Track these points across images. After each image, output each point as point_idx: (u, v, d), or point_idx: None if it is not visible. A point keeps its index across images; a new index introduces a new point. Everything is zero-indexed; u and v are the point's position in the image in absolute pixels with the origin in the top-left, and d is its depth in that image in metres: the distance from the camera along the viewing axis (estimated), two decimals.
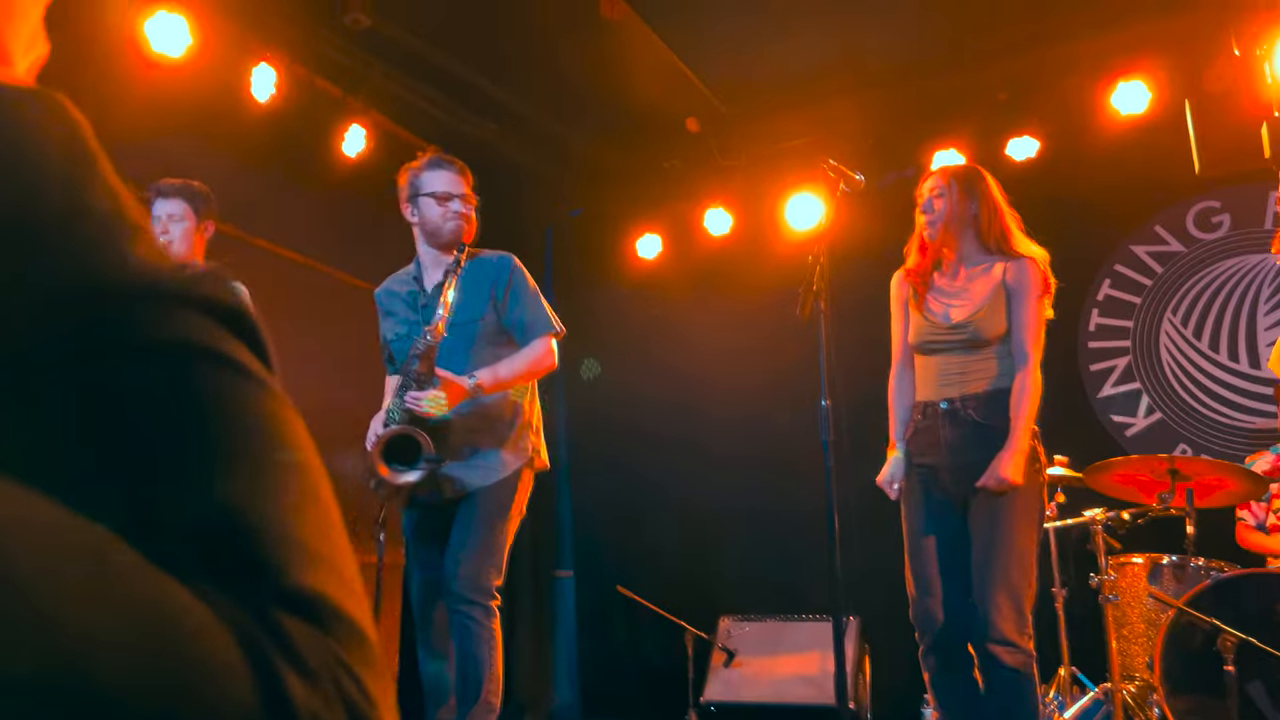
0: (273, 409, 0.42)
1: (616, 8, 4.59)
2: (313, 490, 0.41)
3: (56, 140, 0.42)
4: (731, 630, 4.97)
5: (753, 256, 5.81)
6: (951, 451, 2.86)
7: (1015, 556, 2.78)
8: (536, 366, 3.08)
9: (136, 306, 0.39)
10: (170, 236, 3.33)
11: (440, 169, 3.18)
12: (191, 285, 0.41)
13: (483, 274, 3.15)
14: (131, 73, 4.23)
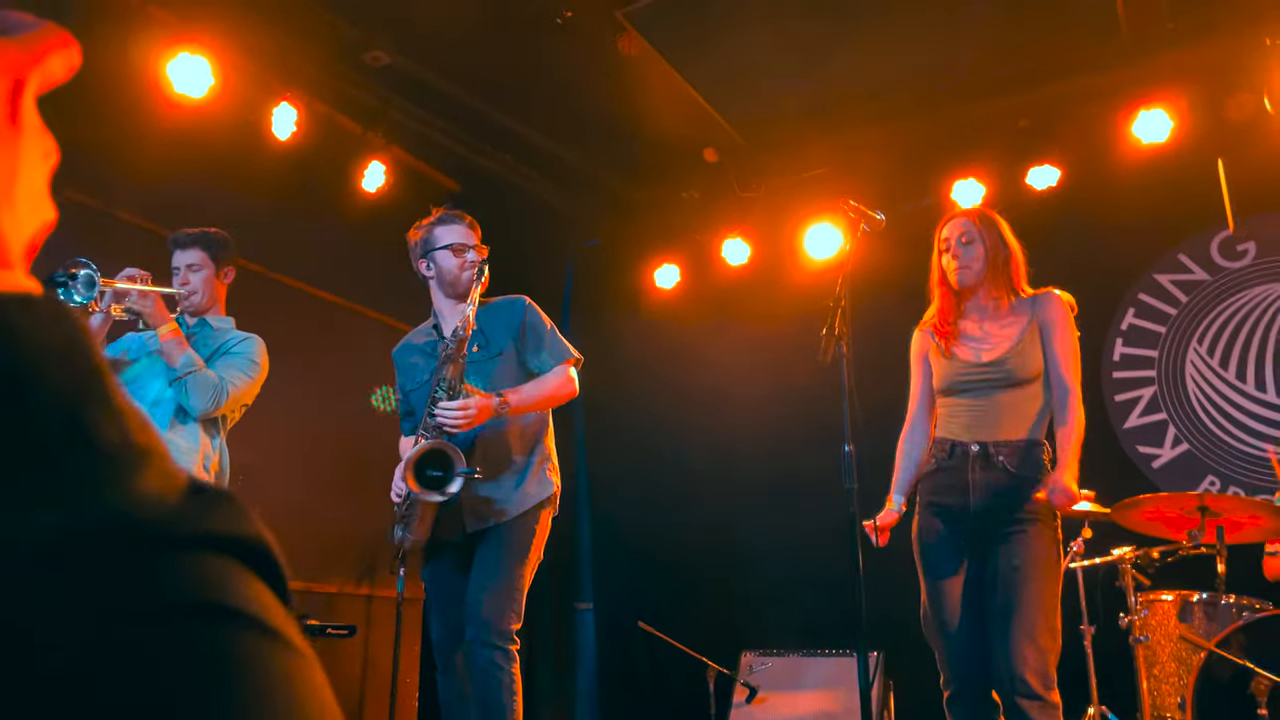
0: (296, 673, 0.38)
1: (634, 44, 4.61)
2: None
3: (56, 355, 0.37)
4: (753, 665, 4.91)
5: (771, 286, 5.80)
6: (980, 495, 2.80)
7: (1042, 610, 2.73)
8: (559, 391, 3.12)
9: (145, 558, 0.35)
10: (191, 287, 3.36)
11: (452, 223, 3.23)
12: (207, 522, 0.38)
13: (499, 316, 3.21)
14: (155, 114, 4.28)
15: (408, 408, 3.31)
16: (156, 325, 3.18)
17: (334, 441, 4.89)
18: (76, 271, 2.98)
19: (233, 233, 3.66)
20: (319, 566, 4.96)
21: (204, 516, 0.38)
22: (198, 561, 0.36)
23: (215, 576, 0.37)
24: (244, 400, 3.36)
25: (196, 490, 0.39)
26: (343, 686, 4.92)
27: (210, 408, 3.19)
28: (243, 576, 0.38)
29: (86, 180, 4.23)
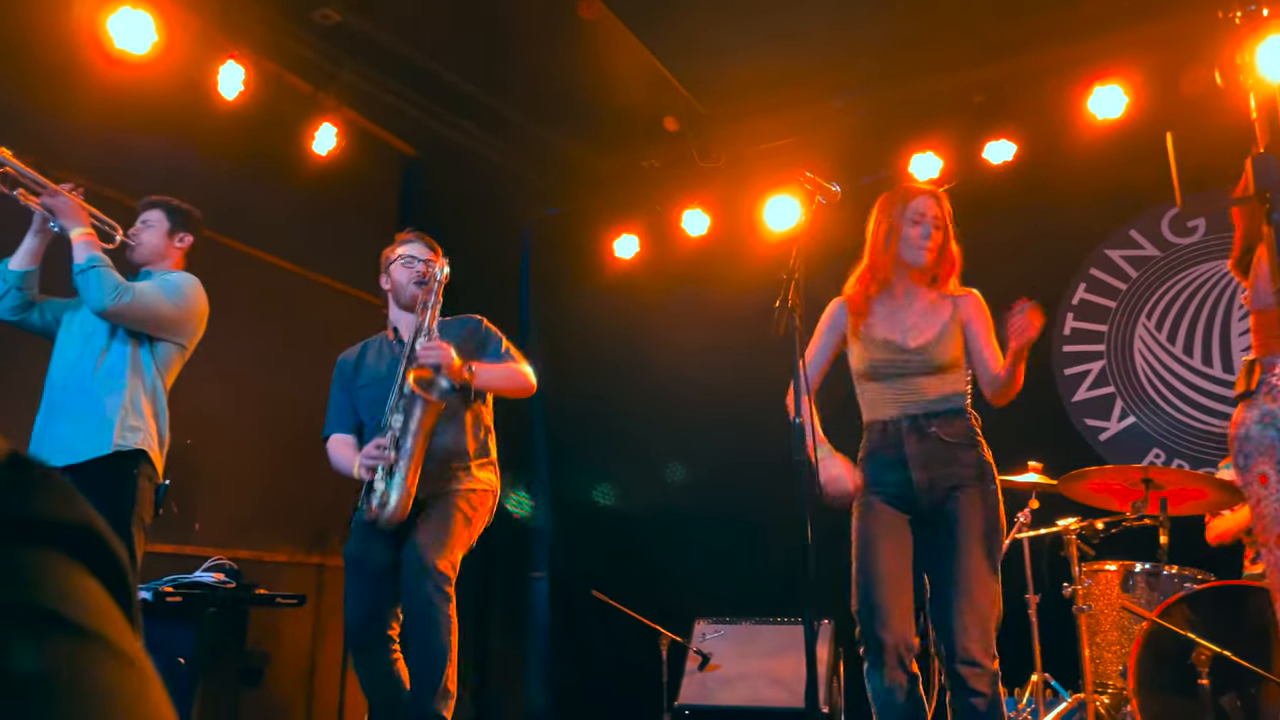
0: (122, 686, 0.32)
1: (593, 8, 4.54)
2: None
3: None
4: (706, 633, 4.95)
5: (730, 257, 5.78)
6: (918, 465, 2.82)
7: (982, 578, 2.75)
8: (521, 381, 3.26)
9: None
10: (137, 239, 3.30)
11: (409, 242, 3.39)
12: (18, 505, 0.32)
13: (454, 330, 3.28)
14: (95, 72, 4.14)
15: (342, 411, 3.35)
16: (70, 226, 3.09)
17: (284, 409, 4.81)
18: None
19: (178, 193, 3.58)
20: (268, 535, 4.90)
21: (14, 500, 0.33)
22: (3, 554, 0.32)
23: (25, 571, 0.32)
24: (163, 322, 3.20)
25: (11, 468, 0.34)
26: (293, 656, 4.88)
27: (111, 302, 3.00)
28: (63, 570, 0.33)
29: (23, 140, 4.08)
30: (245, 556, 4.60)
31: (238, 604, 4.09)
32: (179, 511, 4.35)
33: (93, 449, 3.01)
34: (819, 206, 2.79)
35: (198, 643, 3.86)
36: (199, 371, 3.48)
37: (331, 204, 5.30)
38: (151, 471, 3.12)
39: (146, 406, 3.14)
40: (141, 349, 3.18)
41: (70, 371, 3.11)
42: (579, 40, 4.83)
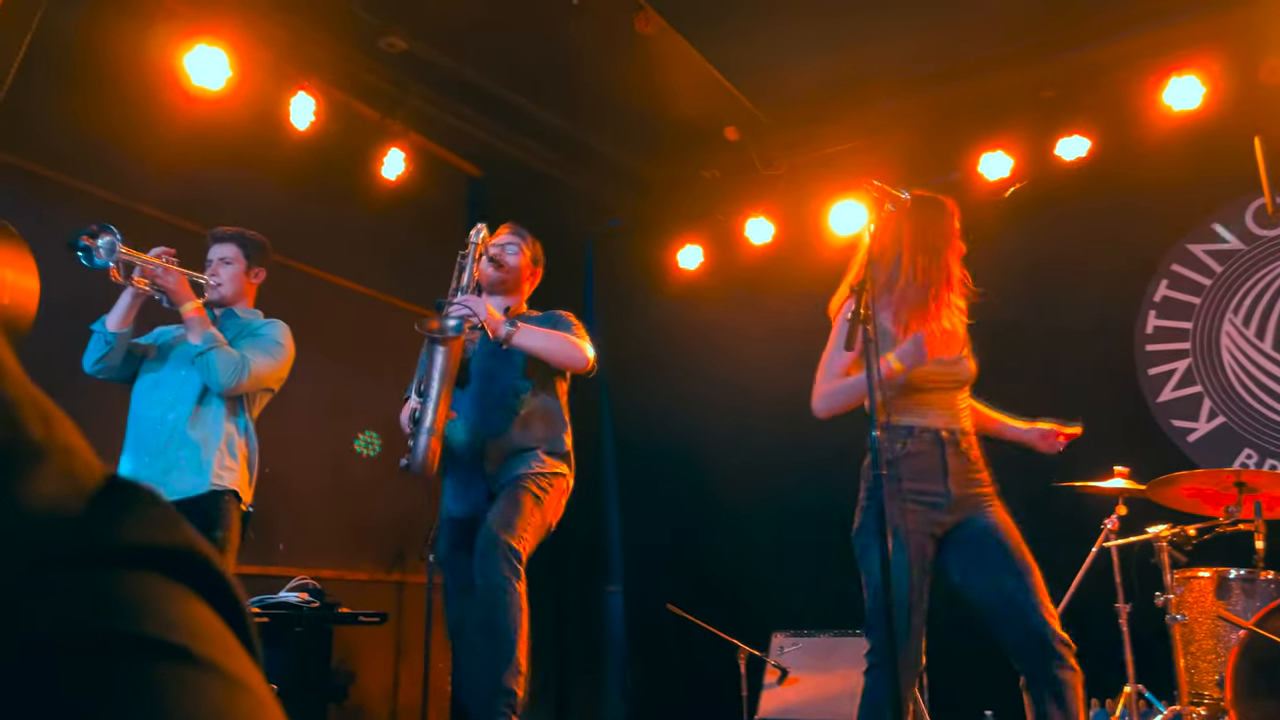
0: (236, 711, 0.31)
1: (651, 22, 4.55)
2: None
3: None
4: (784, 646, 4.90)
5: (795, 264, 5.74)
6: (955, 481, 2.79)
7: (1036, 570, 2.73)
8: (572, 351, 3.22)
9: (28, 580, 0.29)
10: (219, 279, 3.38)
11: (504, 236, 3.53)
12: (119, 531, 0.31)
13: (537, 319, 3.37)
14: (173, 108, 4.28)
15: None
16: (180, 303, 3.20)
17: (360, 428, 4.90)
18: (98, 235, 2.99)
19: (253, 223, 3.67)
20: (349, 554, 4.99)
21: (115, 525, 0.32)
22: (105, 580, 0.30)
23: (128, 597, 0.31)
24: (268, 381, 3.35)
25: (111, 492, 0.33)
26: (376, 673, 4.96)
27: (232, 383, 3.18)
28: (170, 594, 0.32)
29: (107, 176, 4.25)
30: (327, 575, 4.69)
31: (322, 623, 4.18)
32: (263, 533, 4.45)
33: (191, 489, 3.15)
34: (888, 214, 2.76)
35: (285, 662, 3.95)
36: (279, 395, 3.56)
37: (401, 227, 5.40)
38: (239, 502, 3.24)
39: (240, 448, 3.28)
40: (237, 396, 3.30)
41: (165, 415, 3.22)
42: (638, 55, 4.84)
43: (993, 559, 2.74)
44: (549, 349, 3.20)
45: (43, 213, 4.04)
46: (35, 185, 4.04)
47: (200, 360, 3.18)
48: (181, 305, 3.21)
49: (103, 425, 3.40)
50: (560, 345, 3.21)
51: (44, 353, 3.80)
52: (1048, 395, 4.85)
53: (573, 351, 3.22)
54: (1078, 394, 4.96)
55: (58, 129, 4.06)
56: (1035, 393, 4.46)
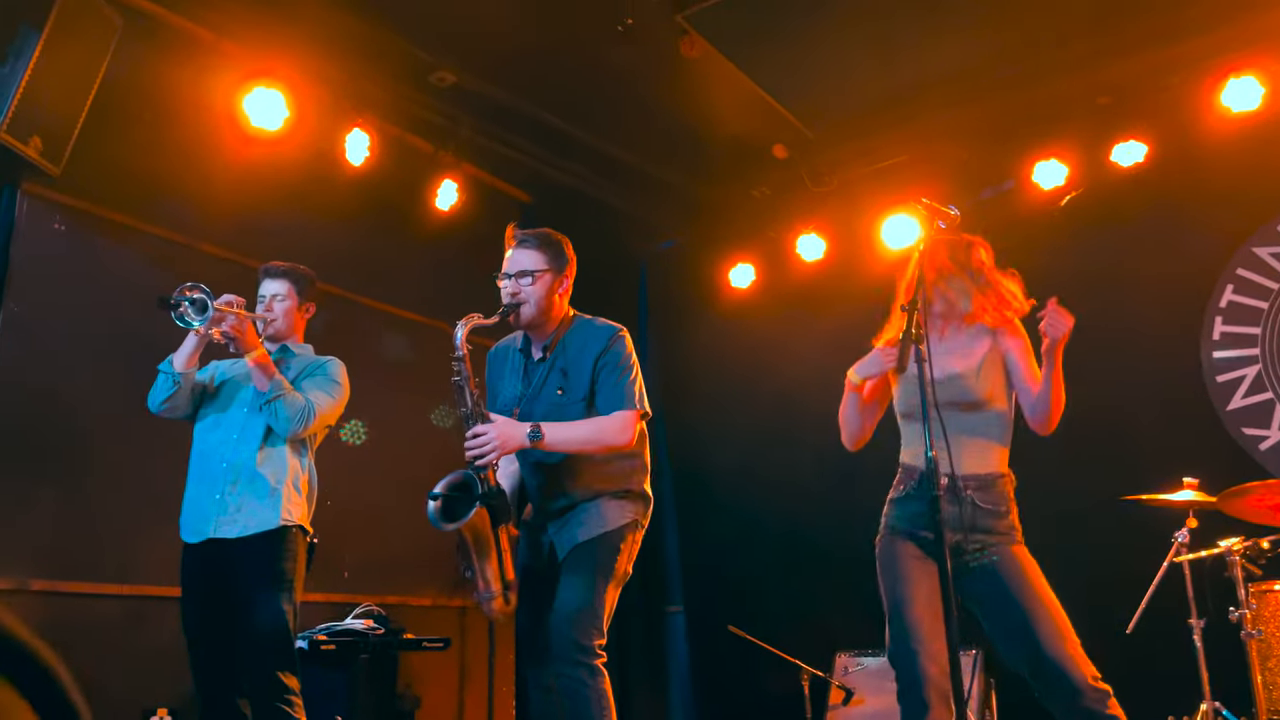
0: None
1: (696, 45, 4.58)
2: None
3: None
4: (848, 667, 4.85)
5: (848, 280, 5.70)
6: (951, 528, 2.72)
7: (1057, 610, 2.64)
8: (605, 436, 2.87)
9: None
10: (274, 315, 3.46)
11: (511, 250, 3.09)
12: None
13: (588, 343, 3.01)
14: (234, 149, 4.41)
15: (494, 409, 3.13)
16: (247, 350, 3.28)
17: (421, 455, 4.97)
18: (191, 295, 3.08)
19: (312, 257, 3.75)
20: (413, 580, 5.06)
21: None
22: None
23: None
24: (328, 420, 3.44)
25: None
26: (441, 698, 5.01)
27: (299, 428, 3.28)
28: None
29: (170, 216, 4.39)
30: (391, 602, 4.76)
31: (387, 649, 4.24)
32: (328, 561, 4.53)
33: (263, 525, 3.23)
34: (938, 232, 2.74)
35: (351, 688, 4.01)
36: (339, 426, 3.63)
37: (455, 256, 5.48)
38: (305, 535, 3.33)
39: (304, 483, 3.37)
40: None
41: (233, 453, 3.31)
42: (684, 77, 4.87)
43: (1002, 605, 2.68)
44: (586, 444, 2.88)
45: (107, 254, 4.19)
46: (102, 227, 4.19)
47: (268, 407, 3.28)
48: (248, 353, 3.29)
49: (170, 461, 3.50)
50: (596, 435, 2.87)
51: (108, 390, 3.93)
52: (1111, 406, 4.76)
53: (610, 435, 2.86)
54: (1143, 404, 4.86)
55: (123, 172, 4.21)
56: (1098, 403, 4.38)
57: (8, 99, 3.44)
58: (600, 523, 2.93)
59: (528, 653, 3.07)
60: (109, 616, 3.99)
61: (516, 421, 2.84)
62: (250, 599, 3.18)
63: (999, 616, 2.70)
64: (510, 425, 2.80)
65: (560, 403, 2.95)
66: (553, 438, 2.79)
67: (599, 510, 2.93)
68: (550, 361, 3.01)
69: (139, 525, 3.98)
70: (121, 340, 4.04)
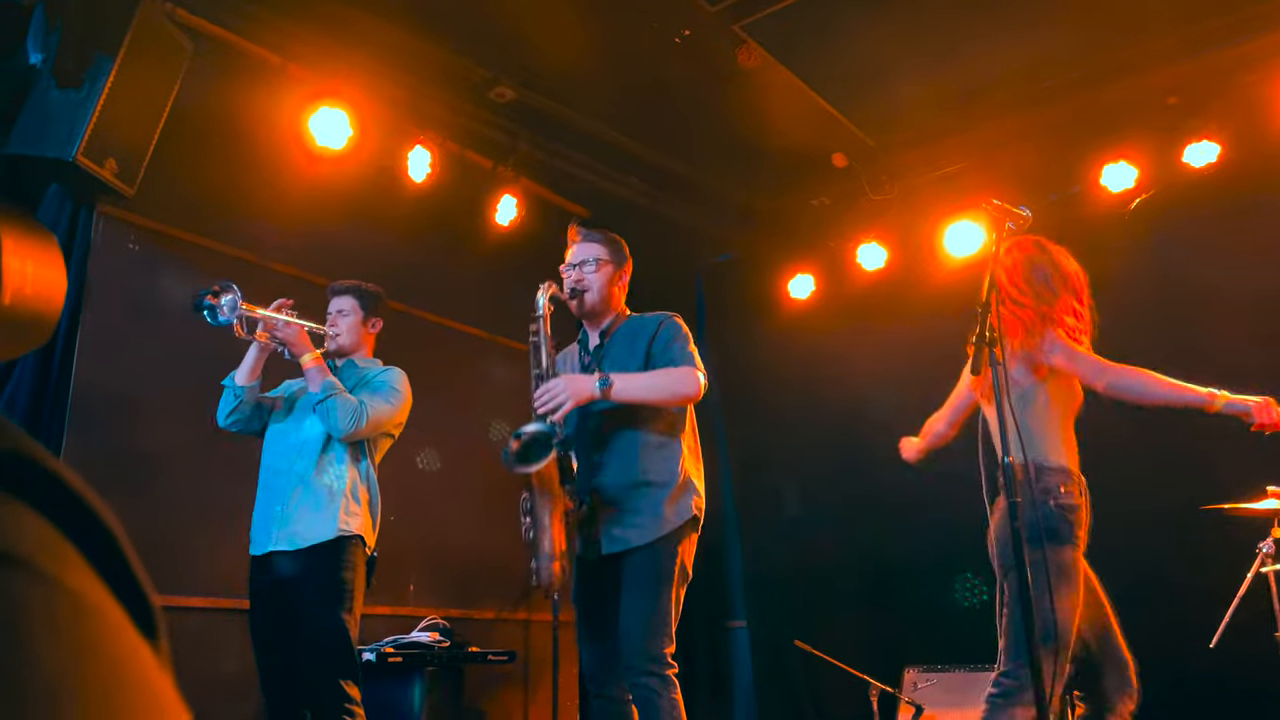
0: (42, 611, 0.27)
1: (754, 55, 4.56)
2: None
3: None
4: (917, 682, 4.75)
5: (910, 289, 5.63)
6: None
7: None
8: (678, 385, 2.92)
9: None
10: (338, 330, 3.51)
11: (574, 244, 3.21)
12: None
13: (640, 330, 3.11)
14: (300, 169, 4.50)
15: None
16: (299, 354, 3.34)
17: (483, 470, 4.99)
18: (221, 293, 3.17)
19: (375, 273, 3.81)
20: (477, 594, 5.07)
21: None
22: None
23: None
24: (386, 426, 3.45)
25: None
26: (506, 711, 5.01)
27: (351, 428, 3.29)
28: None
29: (239, 235, 4.48)
30: (456, 615, 4.78)
31: (453, 662, 4.25)
32: (394, 575, 4.57)
33: (319, 535, 3.27)
34: (1009, 234, 2.69)
35: (419, 700, 4.03)
36: (402, 439, 3.66)
37: (514, 270, 5.51)
38: (365, 547, 3.34)
39: (363, 494, 3.39)
40: (359, 444, 3.42)
41: (293, 465, 3.36)
42: (741, 88, 4.86)
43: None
44: (655, 391, 2.93)
45: (179, 272, 4.28)
46: (173, 246, 4.29)
47: (320, 407, 3.31)
48: (301, 356, 3.36)
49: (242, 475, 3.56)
50: (666, 382, 2.93)
51: (180, 405, 4.02)
52: (1190, 413, 4.61)
53: (676, 389, 2.93)
54: None
55: (193, 192, 4.31)
56: (1176, 411, 4.24)
57: (84, 123, 3.55)
58: (657, 525, 2.92)
59: (587, 657, 3.07)
60: (181, 629, 4.06)
61: (584, 375, 2.94)
62: (310, 610, 3.22)
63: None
64: (579, 377, 2.91)
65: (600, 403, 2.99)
66: (622, 385, 2.85)
67: (654, 509, 2.93)
68: (605, 349, 3.11)
69: (212, 538, 4.05)
70: (192, 356, 4.12)
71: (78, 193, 3.86)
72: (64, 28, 3.61)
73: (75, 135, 3.52)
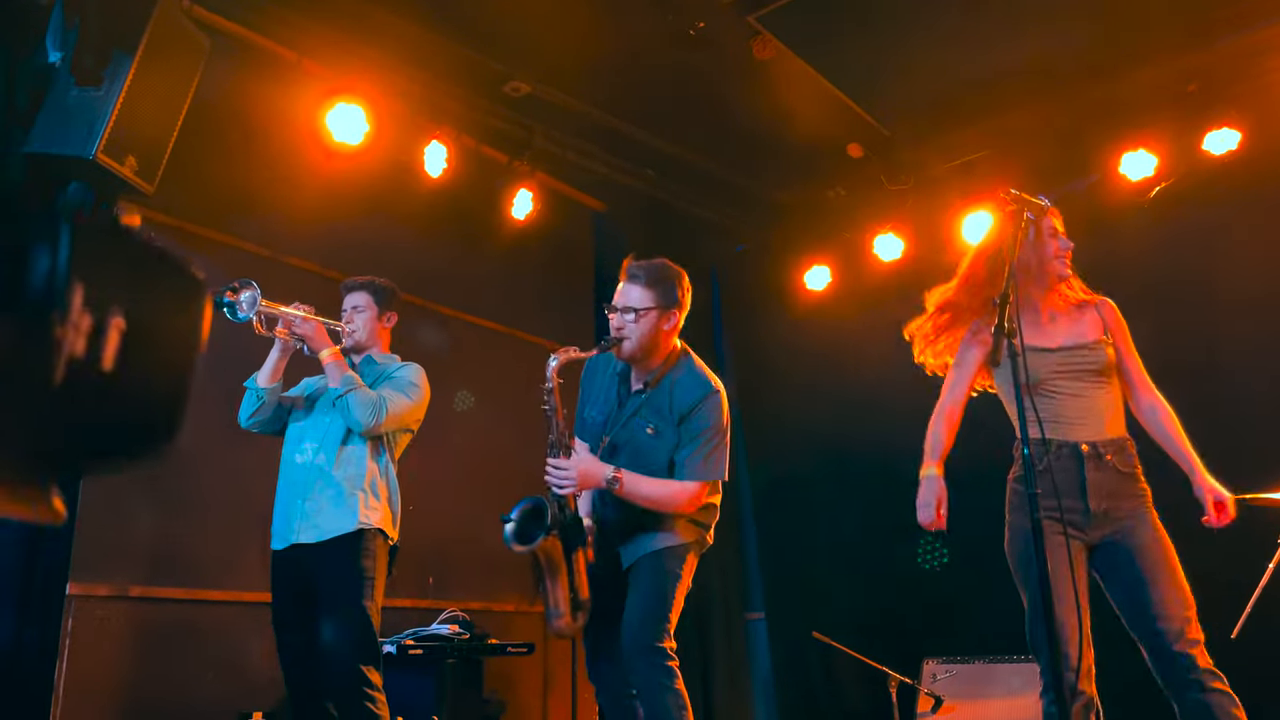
0: None
1: (769, 47, 4.55)
2: None
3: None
4: (936, 674, 4.74)
5: (927, 279, 5.55)
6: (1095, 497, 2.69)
7: (1184, 588, 2.65)
8: (674, 501, 2.94)
9: None
10: (354, 326, 3.55)
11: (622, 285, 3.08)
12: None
13: (681, 397, 3.01)
14: (317, 164, 4.51)
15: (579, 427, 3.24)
16: (319, 349, 3.39)
17: (500, 462, 5.02)
18: (241, 290, 3.21)
19: (391, 268, 3.83)
20: (495, 586, 5.10)
21: None
22: None
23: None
24: (405, 421, 3.48)
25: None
26: (526, 702, 5.03)
27: (370, 422, 3.32)
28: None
29: (257, 231, 4.50)
30: (475, 607, 4.81)
31: (473, 654, 4.28)
32: (414, 568, 4.59)
33: (340, 528, 3.30)
34: (1027, 223, 2.68)
35: (439, 692, 4.06)
36: (421, 432, 3.68)
37: (531, 264, 5.54)
38: (385, 539, 3.37)
39: (382, 488, 3.42)
40: (378, 438, 3.45)
41: (313, 459, 3.39)
42: (757, 80, 4.84)
43: (1129, 577, 2.68)
44: (655, 502, 2.94)
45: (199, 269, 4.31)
46: (193, 243, 4.32)
47: (340, 402, 3.35)
48: (320, 351, 3.40)
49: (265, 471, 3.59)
50: (667, 498, 2.93)
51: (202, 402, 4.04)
52: (1211, 401, 4.58)
53: (678, 502, 2.93)
54: (1242, 398, 4.67)
55: (212, 189, 4.33)
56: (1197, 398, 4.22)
57: (104, 121, 3.56)
58: (668, 537, 3.00)
59: (591, 657, 3.11)
60: (206, 621, 4.10)
61: (599, 461, 2.95)
62: (331, 599, 3.26)
63: (1126, 586, 2.68)
64: (593, 464, 2.93)
65: (650, 443, 3.00)
66: (629, 488, 2.90)
67: (667, 527, 3.00)
68: (647, 398, 3.03)
69: (235, 533, 4.09)
70: (214, 353, 4.15)
71: (98, 190, 3.89)
72: (82, 26, 3.63)
73: (95, 133, 3.54)
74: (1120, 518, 2.71)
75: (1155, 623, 2.60)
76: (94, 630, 3.76)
